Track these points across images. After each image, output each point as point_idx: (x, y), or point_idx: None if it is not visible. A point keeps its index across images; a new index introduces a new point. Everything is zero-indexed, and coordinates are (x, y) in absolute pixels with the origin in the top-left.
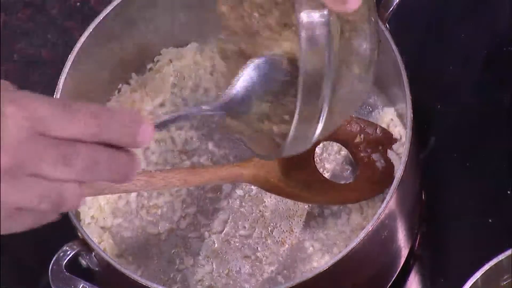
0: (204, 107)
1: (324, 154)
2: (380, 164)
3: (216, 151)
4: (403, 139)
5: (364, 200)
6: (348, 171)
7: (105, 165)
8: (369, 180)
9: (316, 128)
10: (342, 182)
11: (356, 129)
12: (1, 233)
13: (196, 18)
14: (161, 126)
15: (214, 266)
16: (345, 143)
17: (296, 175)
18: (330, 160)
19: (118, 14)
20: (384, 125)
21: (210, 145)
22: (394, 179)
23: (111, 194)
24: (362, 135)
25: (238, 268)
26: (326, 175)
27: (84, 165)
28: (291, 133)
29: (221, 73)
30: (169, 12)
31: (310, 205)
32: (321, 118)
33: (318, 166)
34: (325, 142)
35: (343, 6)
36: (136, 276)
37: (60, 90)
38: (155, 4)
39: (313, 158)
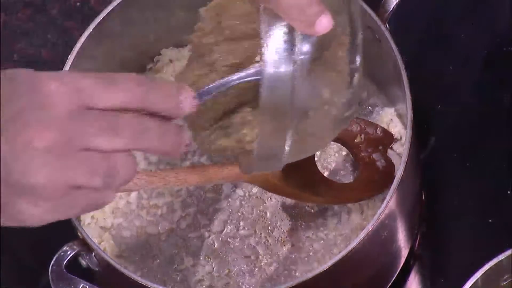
0: (240, 74)
1: (324, 154)
2: (380, 163)
3: None
4: (403, 139)
5: (365, 199)
6: (349, 171)
7: (155, 133)
8: (369, 180)
9: (283, 147)
10: (343, 182)
11: (356, 129)
12: (61, 218)
13: (196, 18)
14: (202, 95)
15: (214, 266)
16: (345, 143)
17: (297, 175)
18: (330, 160)
19: (118, 14)
20: (384, 125)
21: None
22: (394, 178)
23: None
24: (362, 135)
25: (238, 268)
26: (326, 174)
27: (133, 132)
28: (255, 150)
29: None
30: (169, 12)
31: (310, 205)
32: (287, 138)
33: (318, 165)
34: None
35: (312, 28)
36: (136, 276)
37: None
38: (155, 4)
39: (314, 158)
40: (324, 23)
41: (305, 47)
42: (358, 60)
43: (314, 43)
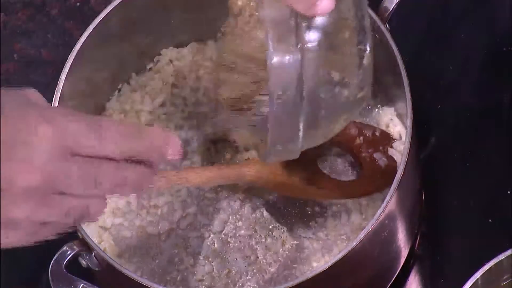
0: None
1: (324, 157)
2: (382, 162)
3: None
4: (403, 139)
5: (369, 195)
6: (349, 174)
7: (133, 182)
8: (372, 177)
9: (297, 131)
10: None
11: (355, 132)
12: (23, 244)
13: (196, 18)
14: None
15: (214, 266)
16: (345, 146)
17: (299, 172)
18: (331, 161)
19: (118, 14)
20: (384, 125)
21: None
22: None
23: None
24: (361, 137)
25: (238, 268)
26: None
27: (112, 184)
28: (269, 136)
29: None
30: (169, 12)
31: (310, 205)
32: (300, 122)
33: (320, 166)
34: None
35: (313, 9)
36: (136, 276)
37: (60, 90)
38: (155, 4)
39: (315, 158)
40: (325, 4)
41: (311, 33)
42: (367, 41)
43: (319, 28)
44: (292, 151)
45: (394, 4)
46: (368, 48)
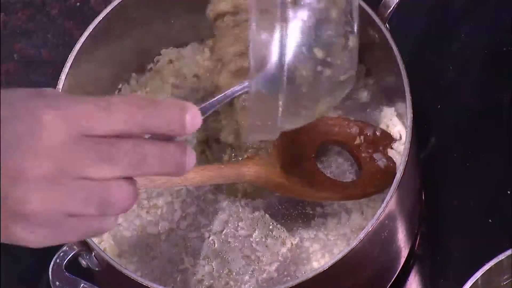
0: (239, 87)
1: (324, 157)
2: (382, 162)
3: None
4: (403, 139)
5: (369, 196)
6: (349, 174)
7: (156, 158)
8: (372, 178)
9: (276, 108)
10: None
11: (355, 132)
12: (58, 243)
13: (196, 18)
14: (205, 111)
15: (214, 266)
16: (345, 145)
17: (298, 173)
18: (331, 162)
19: (118, 14)
20: (384, 125)
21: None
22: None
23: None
24: (361, 137)
25: (238, 268)
26: (328, 175)
27: (132, 161)
28: (249, 111)
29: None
30: (169, 12)
31: (310, 205)
32: (279, 99)
33: (320, 166)
34: (325, 143)
35: None
36: (136, 276)
37: (60, 90)
38: (155, 4)
39: (314, 157)
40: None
41: (296, 9)
42: (354, 23)
43: (305, 4)
44: (271, 130)
45: (394, 3)
46: (355, 30)
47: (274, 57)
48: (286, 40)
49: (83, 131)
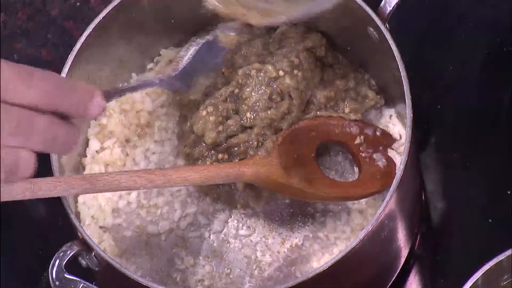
0: (152, 80)
1: (325, 156)
2: (381, 163)
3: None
4: (403, 139)
5: (369, 196)
6: (349, 174)
7: (61, 139)
8: (372, 178)
9: None
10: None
11: (356, 131)
12: None
13: (196, 18)
14: (110, 96)
15: (214, 266)
16: (345, 145)
17: (298, 173)
18: (331, 162)
19: (118, 14)
20: (384, 125)
21: None
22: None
23: (113, 191)
24: (362, 137)
25: (238, 268)
26: (328, 175)
27: (44, 139)
28: None
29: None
30: (169, 12)
31: (310, 205)
32: None
33: (320, 166)
34: (325, 143)
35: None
36: (136, 276)
37: None
38: (155, 4)
39: (315, 158)
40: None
41: None
42: None
43: None
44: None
45: (394, 4)
46: None
47: None
48: None
49: (2, 96)
